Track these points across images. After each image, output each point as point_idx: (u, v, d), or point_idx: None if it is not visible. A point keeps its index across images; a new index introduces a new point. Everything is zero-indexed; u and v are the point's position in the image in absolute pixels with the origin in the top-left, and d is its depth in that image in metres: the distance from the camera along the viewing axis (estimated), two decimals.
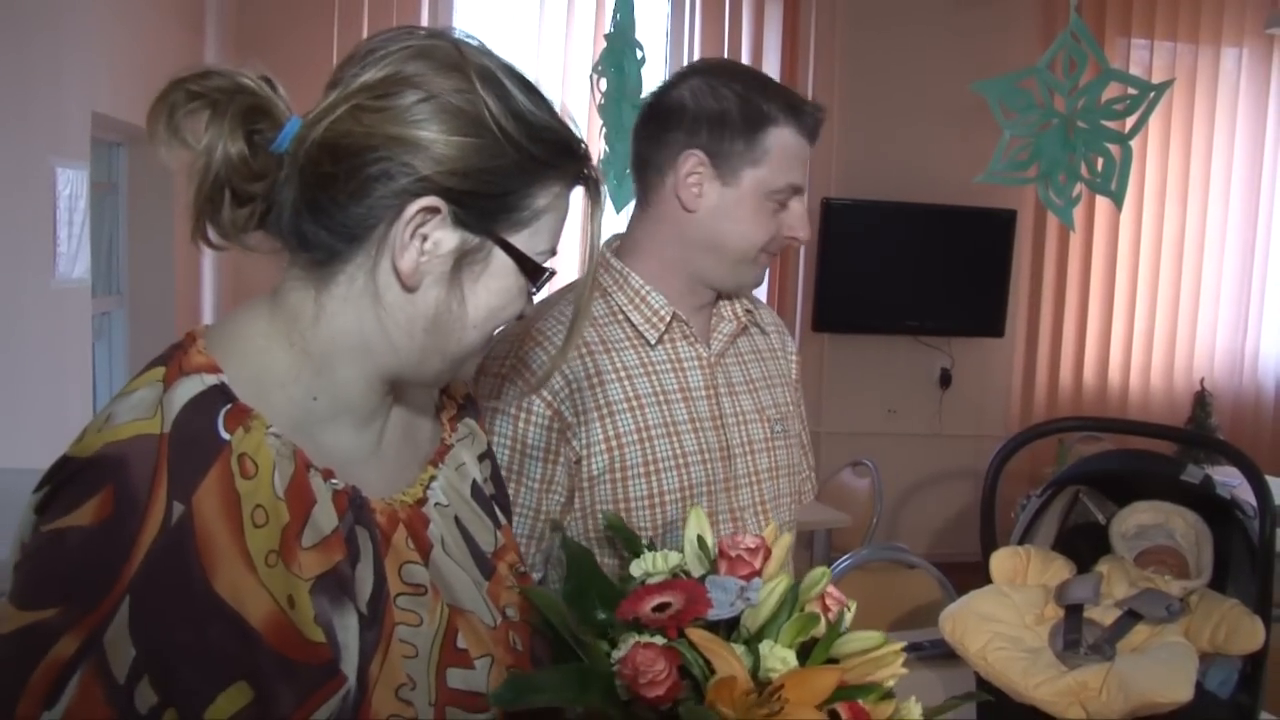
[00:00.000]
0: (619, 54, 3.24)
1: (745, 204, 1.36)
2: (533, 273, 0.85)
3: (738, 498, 1.43)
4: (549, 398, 1.32)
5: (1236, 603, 1.39)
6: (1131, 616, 1.39)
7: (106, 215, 3.37)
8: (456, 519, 0.94)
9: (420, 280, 0.81)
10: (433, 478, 0.93)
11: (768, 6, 4.71)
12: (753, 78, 1.40)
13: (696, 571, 0.90)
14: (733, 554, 0.88)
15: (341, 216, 0.80)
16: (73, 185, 2.72)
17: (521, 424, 1.31)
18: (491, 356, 1.35)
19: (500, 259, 0.83)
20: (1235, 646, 1.35)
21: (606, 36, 3.33)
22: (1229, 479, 1.56)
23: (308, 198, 0.80)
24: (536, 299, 0.91)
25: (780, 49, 4.68)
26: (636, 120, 1.45)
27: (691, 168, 1.35)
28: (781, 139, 1.36)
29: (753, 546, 0.88)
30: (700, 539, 0.91)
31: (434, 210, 0.79)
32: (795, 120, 1.37)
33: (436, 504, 0.92)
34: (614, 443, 1.34)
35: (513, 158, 0.81)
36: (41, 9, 2.57)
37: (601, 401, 1.34)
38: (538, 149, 0.82)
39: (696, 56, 4.61)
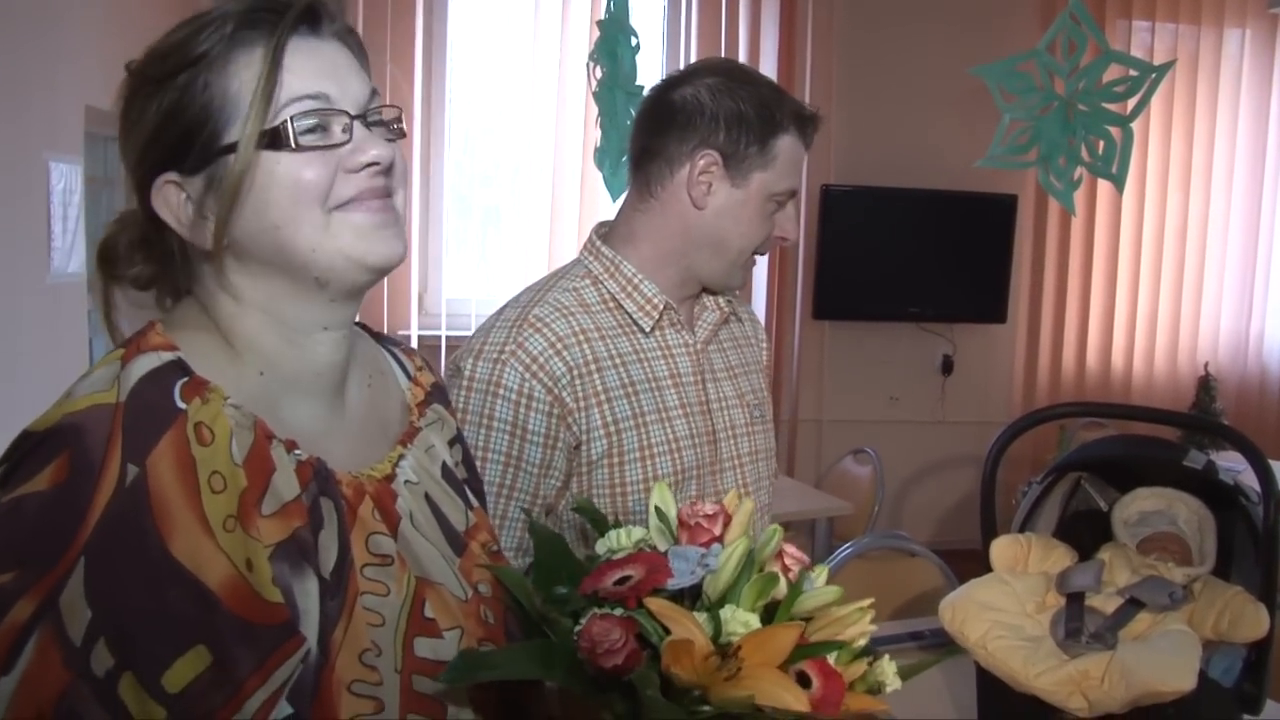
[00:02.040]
0: (613, 41, 3.22)
1: (750, 205, 1.42)
2: (274, 141, 0.82)
3: (723, 480, 1.47)
4: (550, 384, 1.34)
5: (1240, 590, 1.38)
6: (1134, 604, 1.38)
7: (101, 210, 3.35)
8: (427, 496, 0.95)
9: (207, 237, 0.83)
10: (401, 456, 0.94)
11: None
12: (766, 84, 1.46)
13: (661, 545, 0.90)
14: (692, 523, 0.88)
15: (162, 249, 0.87)
16: (67, 180, 2.70)
17: (523, 409, 1.33)
18: (489, 342, 1.37)
19: (265, 165, 0.82)
20: (1239, 634, 1.33)
21: (599, 24, 3.30)
22: (1233, 464, 1.55)
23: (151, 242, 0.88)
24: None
25: (778, 34, 4.64)
26: (641, 110, 1.49)
27: (705, 166, 1.40)
28: (788, 146, 1.42)
29: (711, 513, 0.89)
30: (661, 512, 0.91)
31: (166, 183, 0.83)
32: (801, 130, 1.44)
33: (406, 481, 0.93)
34: (612, 428, 1.36)
35: (174, 96, 0.82)
36: (34, 3, 2.55)
37: (599, 388, 1.36)
38: (180, 66, 0.82)
39: (694, 41, 4.58)
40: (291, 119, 0.81)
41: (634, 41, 3.27)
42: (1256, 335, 5.46)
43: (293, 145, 0.81)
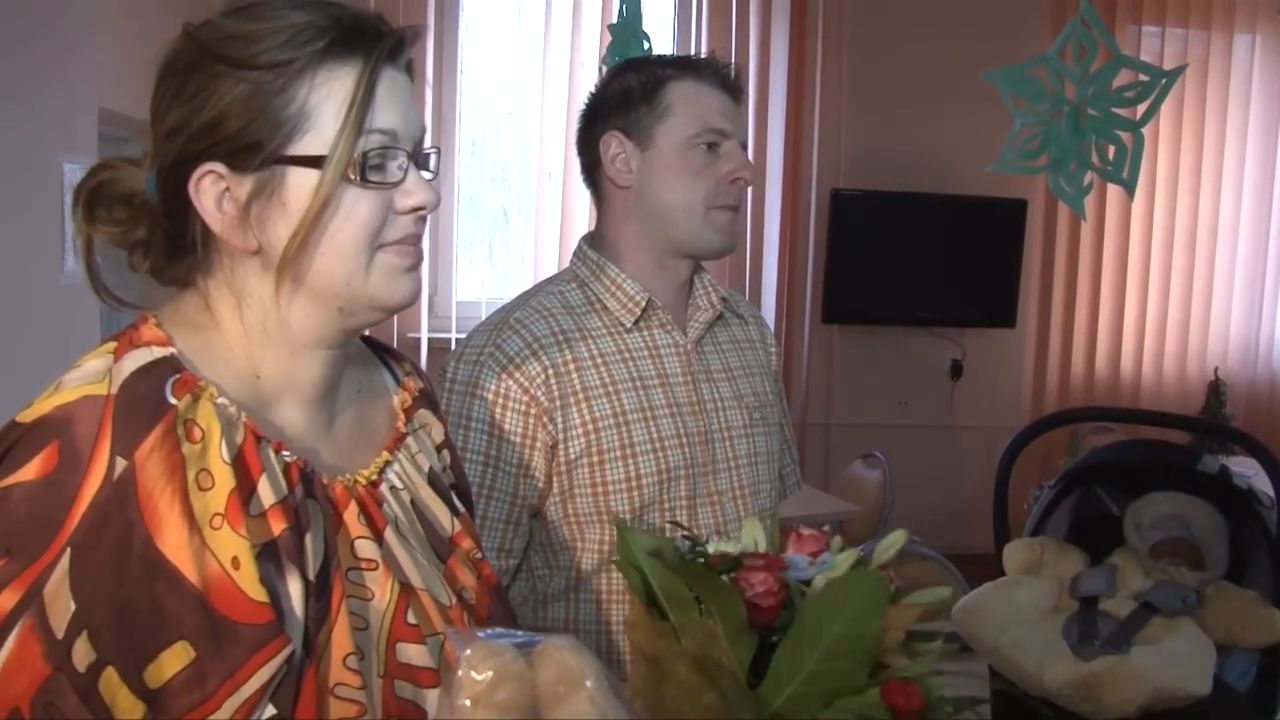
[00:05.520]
0: (624, 44, 3.22)
1: (669, 161, 1.42)
2: (349, 166, 0.81)
3: (716, 482, 1.45)
4: (525, 383, 1.35)
5: (1254, 594, 1.38)
6: (1147, 609, 1.38)
7: None
8: (412, 503, 0.95)
9: (243, 238, 0.83)
10: (388, 462, 0.94)
11: None
12: (651, 59, 1.51)
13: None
14: (805, 533, 0.96)
15: (175, 229, 0.85)
16: None
17: (499, 410, 1.34)
18: (470, 345, 1.39)
19: (297, 175, 0.81)
20: (1251, 638, 1.33)
21: (611, 28, 3.30)
22: (1244, 469, 1.55)
23: (165, 232, 0.86)
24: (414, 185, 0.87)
25: (788, 38, 4.65)
26: None
27: (615, 149, 1.43)
28: (682, 90, 1.42)
29: (814, 534, 0.98)
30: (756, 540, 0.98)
31: (209, 173, 0.81)
32: (691, 72, 1.44)
33: (391, 487, 0.93)
34: (590, 427, 1.36)
35: (245, 89, 0.80)
36: (48, 4, 2.57)
37: (578, 387, 1.37)
38: (262, 63, 0.80)
39: (704, 46, 4.58)
40: (365, 154, 0.82)
41: (646, 46, 3.27)
42: (1266, 340, 5.44)
43: (359, 180, 0.82)
